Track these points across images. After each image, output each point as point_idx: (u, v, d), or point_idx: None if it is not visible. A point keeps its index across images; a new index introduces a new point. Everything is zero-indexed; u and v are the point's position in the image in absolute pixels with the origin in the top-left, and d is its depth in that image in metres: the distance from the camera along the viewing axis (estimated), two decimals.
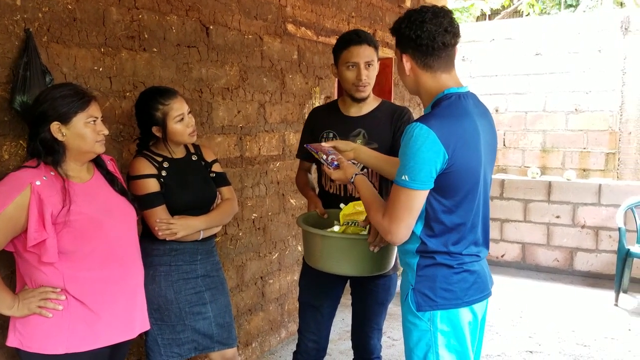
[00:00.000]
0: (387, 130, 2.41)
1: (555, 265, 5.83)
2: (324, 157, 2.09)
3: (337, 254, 2.15)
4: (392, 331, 4.14)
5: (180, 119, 2.27)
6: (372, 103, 2.48)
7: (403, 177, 1.69)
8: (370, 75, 2.40)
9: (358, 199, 2.28)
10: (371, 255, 2.11)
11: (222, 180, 2.51)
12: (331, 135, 2.49)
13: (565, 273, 5.75)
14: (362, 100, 2.45)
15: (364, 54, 2.37)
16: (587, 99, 6.67)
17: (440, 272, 1.80)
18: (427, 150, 1.66)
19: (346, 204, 2.28)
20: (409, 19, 1.79)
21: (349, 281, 2.60)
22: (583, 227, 5.66)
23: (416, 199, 1.71)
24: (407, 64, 1.81)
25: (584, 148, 6.74)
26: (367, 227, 2.13)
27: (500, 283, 5.30)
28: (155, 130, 2.27)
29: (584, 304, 4.87)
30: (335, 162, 2.05)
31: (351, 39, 2.40)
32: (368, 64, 2.38)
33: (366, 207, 1.90)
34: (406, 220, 1.73)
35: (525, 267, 5.96)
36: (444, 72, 1.81)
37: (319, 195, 2.56)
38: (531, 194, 5.90)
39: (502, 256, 6.06)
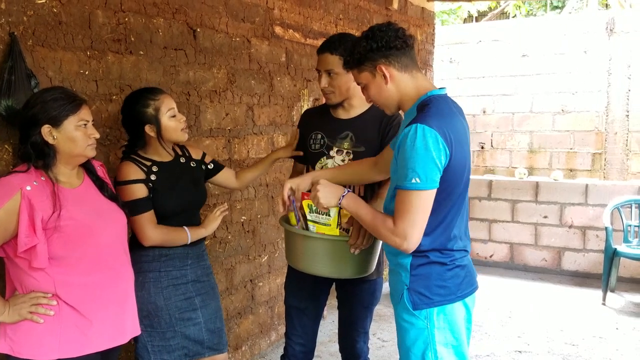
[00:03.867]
0: (375, 134, 2.38)
1: (543, 265, 5.87)
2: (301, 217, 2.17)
3: (317, 254, 2.14)
4: (381, 332, 4.15)
5: (172, 115, 2.25)
6: (362, 106, 2.45)
7: (414, 180, 1.69)
8: (332, 84, 2.35)
9: None
10: (352, 258, 2.10)
11: (218, 165, 2.55)
12: (319, 136, 2.48)
13: (553, 273, 5.79)
14: (333, 106, 2.45)
15: (323, 62, 2.35)
16: (574, 99, 6.72)
17: (434, 270, 1.83)
18: (434, 150, 1.69)
19: None
20: (366, 37, 1.84)
21: (334, 284, 2.60)
22: (570, 227, 5.71)
23: (429, 200, 1.73)
24: (386, 72, 1.83)
25: (571, 148, 6.79)
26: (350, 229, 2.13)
27: (489, 283, 5.33)
28: (148, 129, 2.23)
29: (572, 304, 4.90)
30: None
31: (319, 47, 2.40)
32: (328, 73, 2.35)
33: (369, 222, 1.84)
34: (422, 223, 1.75)
35: (513, 267, 6.00)
36: (418, 72, 1.88)
37: None
38: (519, 194, 5.94)
39: (490, 256, 6.09)
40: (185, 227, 2.31)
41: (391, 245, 1.81)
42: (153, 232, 2.21)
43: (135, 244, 2.26)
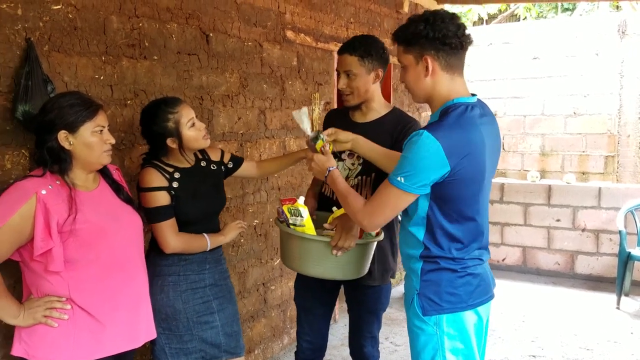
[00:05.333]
0: (387, 140, 2.34)
1: (556, 268, 5.83)
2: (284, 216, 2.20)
3: (302, 254, 2.15)
4: (394, 336, 4.13)
5: (192, 124, 2.25)
6: (379, 110, 2.44)
7: (398, 178, 1.72)
8: (351, 85, 2.36)
9: None
10: (335, 260, 2.11)
11: (238, 161, 2.56)
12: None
13: (567, 276, 5.75)
14: (352, 108, 2.45)
15: (342, 62, 2.38)
16: (586, 102, 6.69)
17: (444, 277, 1.81)
18: (430, 160, 1.68)
19: (339, 207, 2.27)
20: (426, 20, 1.75)
21: (343, 287, 2.61)
22: (583, 230, 5.67)
23: (405, 201, 1.77)
24: (431, 65, 1.77)
25: (583, 151, 6.75)
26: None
27: (502, 287, 5.30)
28: (170, 142, 2.23)
29: (585, 308, 4.87)
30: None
31: (340, 48, 2.41)
32: (347, 73, 2.36)
33: (342, 195, 1.94)
34: (387, 216, 1.82)
35: (526, 270, 5.96)
36: (460, 76, 1.82)
37: (319, 197, 2.58)
38: (531, 197, 5.91)
39: (502, 260, 6.06)
40: (205, 235, 2.32)
41: (353, 221, 1.96)
42: (174, 240, 2.22)
43: (155, 247, 2.28)
